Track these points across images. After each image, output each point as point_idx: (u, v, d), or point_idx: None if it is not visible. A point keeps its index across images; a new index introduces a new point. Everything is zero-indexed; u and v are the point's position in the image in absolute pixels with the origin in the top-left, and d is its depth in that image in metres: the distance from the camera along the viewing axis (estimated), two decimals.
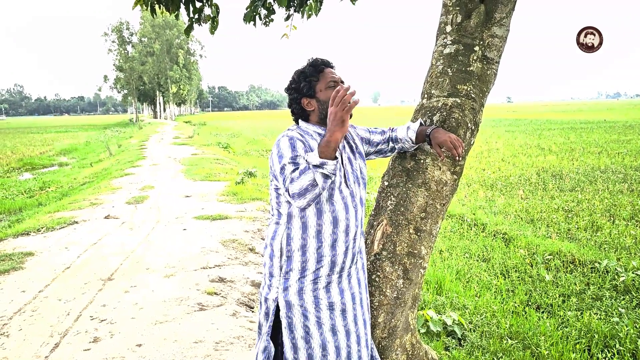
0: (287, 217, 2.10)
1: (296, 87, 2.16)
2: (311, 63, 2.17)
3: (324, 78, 2.14)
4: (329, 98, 2.10)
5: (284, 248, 2.09)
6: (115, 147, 24.27)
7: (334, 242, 2.09)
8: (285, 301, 2.08)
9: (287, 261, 2.09)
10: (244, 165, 14.33)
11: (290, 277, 2.09)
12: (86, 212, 8.14)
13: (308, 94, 2.14)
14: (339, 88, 1.87)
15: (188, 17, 3.61)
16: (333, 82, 2.14)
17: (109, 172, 14.07)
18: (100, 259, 5.55)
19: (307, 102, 2.15)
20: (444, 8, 2.56)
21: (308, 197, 1.89)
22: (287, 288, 2.09)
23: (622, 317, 4.25)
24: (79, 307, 4.24)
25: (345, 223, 2.10)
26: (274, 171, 2.05)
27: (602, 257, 5.69)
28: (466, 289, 4.96)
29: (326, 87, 2.13)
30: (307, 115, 2.19)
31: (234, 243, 6.07)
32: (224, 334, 3.72)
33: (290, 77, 2.23)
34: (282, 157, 2.00)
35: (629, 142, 18.57)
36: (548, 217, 7.89)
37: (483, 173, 12.61)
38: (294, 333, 2.08)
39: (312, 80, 2.14)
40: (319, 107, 2.15)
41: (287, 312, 2.08)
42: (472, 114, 2.47)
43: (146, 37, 66.62)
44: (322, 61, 2.17)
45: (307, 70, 2.16)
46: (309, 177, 1.87)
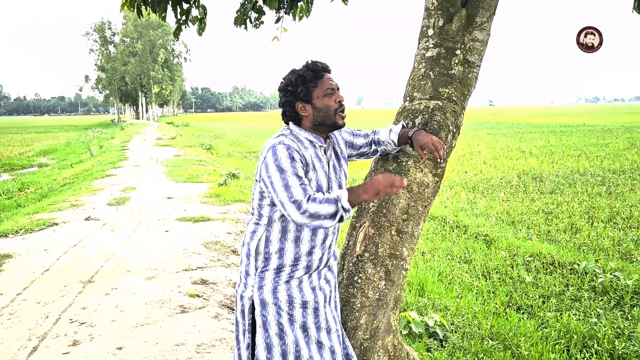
0: (268, 220, 2.10)
1: (293, 90, 2.10)
2: (311, 67, 2.11)
3: (322, 85, 2.10)
4: (325, 105, 2.09)
5: (262, 249, 2.10)
6: (97, 148, 23.98)
7: (312, 248, 2.13)
8: (260, 299, 2.10)
9: (264, 262, 2.11)
10: (227, 167, 14.27)
11: (265, 276, 2.11)
12: (66, 214, 8.03)
13: (305, 99, 2.10)
14: (400, 183, 1.97)
15: (175, 19, 3.58)
16: (331, 90, 2.11)
17: (90, 173, 13.89)
18: (80, 261, 5.47)
19: (302, 106, 2.11)
20: (426, 12, 2.59)
21: (314, 223, 1.93)
22: (262, 287, 2.10)
23: (600, 317, 4.33)
24: (58, 310, 4.17)
25: (325, 232, 2.14)
26: (264, 179, 2.01)
27: (581, 258, 5.78)
28: (448, 291, 5.00)
29: (323, 94, 2.10)
30: (299, 119, 2.14)
31: (217, 245, 6.03)
32: (205, 336, 3.69)
33: (284, 76, 2.16)
34: (281, 169, 1.96)
35: (607, 145, 18.91)
36: (528, 219, 8.00)
37: (465, 175, 12.74)
38: (268, 332, 2.10)
39: (310, 85, 2.09)
40: (314, 113, 2.11)
41: (261, 311, 2.10)
42: (454, 117, 2.49)
43: (129, 37, 65.90)
44: (321, 66, 2.12)
45: (306, 75, 2.09)
46: (331, 209, 1.93)
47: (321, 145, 2.15)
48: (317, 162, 2.10)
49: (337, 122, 2.13)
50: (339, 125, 2.15)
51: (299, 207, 1.91)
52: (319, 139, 2.13)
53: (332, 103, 2.11)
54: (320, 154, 2.14)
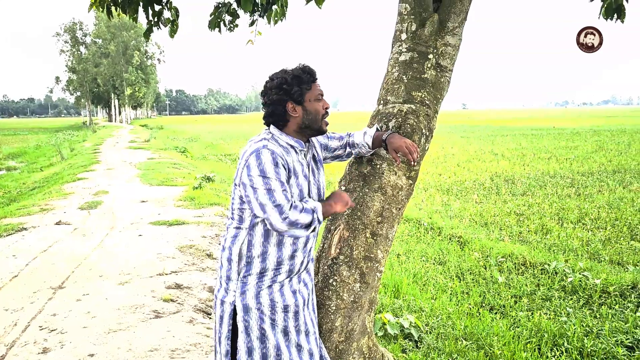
0: (250, 224, 2.09)
1: (287, 89, 2.09)
2: (307, 70, 2.13)
3: (314, 89, 2.13)
4: (315, 109, 2.12)
5: (244, 253, 2.09)
6: (68, 151, 23.47)
7: (294, 252, 2.14)
8: (242, 305, 2.09)
9: (246, 266, 2.09)
10: (202, 170, 14.14)
11: (248, 281, 2.10)
12: (36, 218, 7.84)
13: (297, 100, 2.10)
14: (352, 204, 2.24)
15: (147, 20, 3.54)
16: (321, 95, 2.16)
17: (61, 177, 13.60)
18: (50, 266, 5.35)
19: (293, 107, 2.11)
20: (399, 16, 2.62)
21: (290, 231, 2.00)
22: (245, 292, 2.09)
23: (570, 316, 4.43)
24: (28, 317, 4.07)
25: (306, 236, 2.13)
26: (245, 182, 2.00)
27: (552, 258, 5.91)
28: (423, 292, 5.05)
29: (315, 98, 2.13)
30: (285, 121, 2.13)
31: (191, 249, 5.97)
32: (180, 341, 3.65)
33: (275, 74, 2.15)
34: (264, 174, 1.97)
35: (576, 148, 19.39)
36: (501, 221, 8.14)
37: (439, 178, 12.89)
38: (250, 337, 2.09)
39: (304, 87, 2.10)
40: (304, 115, 2.12)
41: (244, 316, 2.09)
42: (427, 121, 2.53)
43: (101, 38, 64.74)
44: (314, 71, 2.16)
45: (303, 77, 2.11)
46: (308, 218, 2.01)
47: (302, 150, 2.16)
48: (298, 166, 2.11)
49: (322, 127, 2.18)
50: (323, 131, 2.19)
51: (281, 212, 1.94)
52: (300, 143, 2.14)
53: (320, 108, 2.14)
54: (300, 158, 2.15)
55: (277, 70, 2.16)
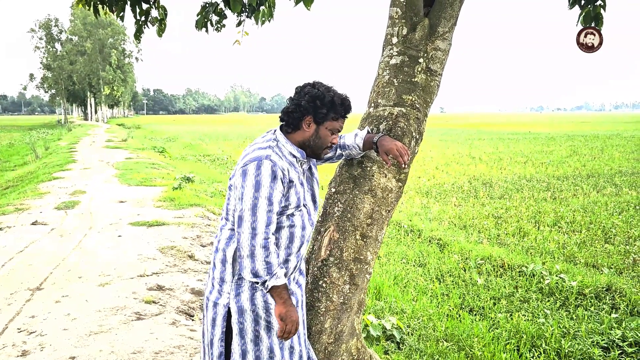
0: None
1: (317, 105, 2.10)
2: (345, 105, 2.16)
3: (337, 122, 2.17)
4: (324, 137, 2.16)
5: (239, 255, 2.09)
6: (42, 150, 22.98)
7: (288, 256, 2.15)
8: (237, 307, 2.08)
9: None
10: (181, 170, 14.00)
11: (242, 283, 2.10)
12: (10, 218, 7.67)
13: (317, 119, 2.13)
14: (291, 330, 2.03)
15: (135, 20, 3.50)
16: (337, 130, 2.20)
17: (36, 176, 13.30)
18: (27, 267, 5.24)
19: (309, 122, 2.13)
20: (390, 20, 2.65)
21: (244, 261, 1.97)
22: (240, 294, 2.09)
23: (548, 318, 4.52)
24: (5, 319, 3.98)
25: (300, 241, 2.17)
26: (237, 186, 2.02)
27: (529, 261, 6.03)
28: (404, 294, 5.10)
29: (331, 128, 2.16)
30: (296, 128, 2.15)
31: (173, 250, 5.92)
32: (163, 343, 3.62)
33: (315, 82, 2.16)
34: (258, 186, 1.97)
35: (552, 152, 19.80)
36: (479, 223, 8.26)
37: (419, 180, 13.02)
38: (244, 339, 2.09)
39: (331, 115, 2.13)
40: (313, 135, 2.15)
41: (239, 318, 2.09)
42: (417, 124, 2.56)
43: (77, 36, 63.51)
44: (350, 109, 2.19)
45: (338, 107, 2.13)
46: (262, 269, 1.96)
47: (303, 160, 2.20)
48: (295, 175, 2.12)
49: (321, 155, 2.23)
50: (319, 157, 2.25)
51: (253, 235, 1.95)
52: (302, 153, 2.17)
53: (329, 139, 2.19)
54: (298, 167, 2.17)
55: (327, 84, 2.17)
